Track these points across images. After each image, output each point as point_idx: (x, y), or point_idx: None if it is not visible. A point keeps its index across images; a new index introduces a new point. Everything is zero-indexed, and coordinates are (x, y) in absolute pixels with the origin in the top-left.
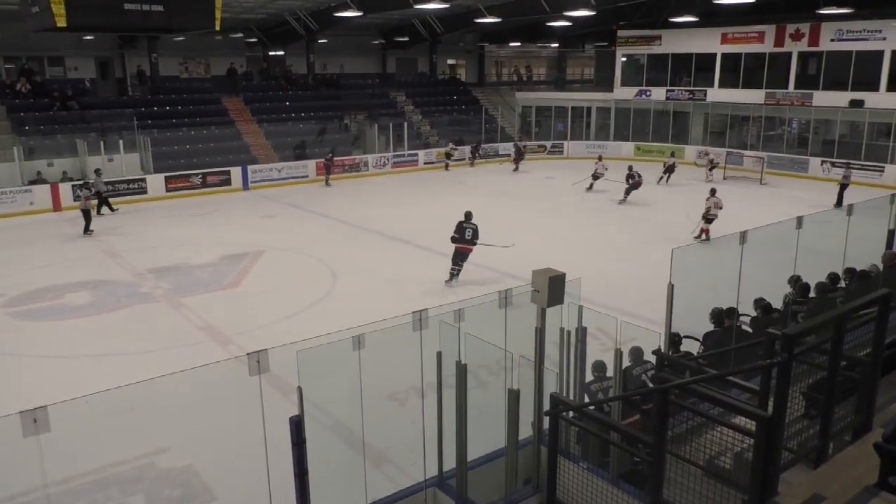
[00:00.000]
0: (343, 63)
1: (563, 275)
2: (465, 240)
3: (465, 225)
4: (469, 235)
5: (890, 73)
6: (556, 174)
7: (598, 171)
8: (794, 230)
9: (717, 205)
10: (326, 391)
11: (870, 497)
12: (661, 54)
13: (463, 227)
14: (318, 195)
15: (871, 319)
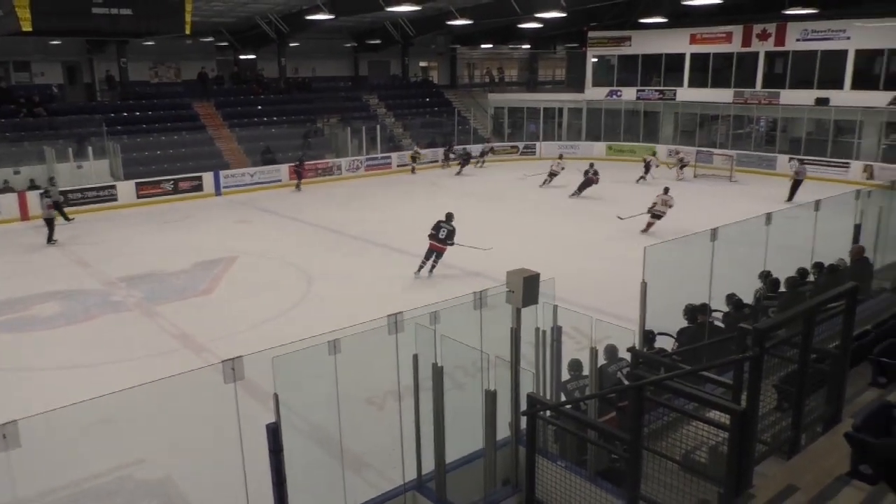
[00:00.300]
0: (315, 66)
1: (538, 275)
2: (438, 238)
3: (441, 224)
4: (443, 235)
5: (854, 72)
6: (529, 175)
7: (554, 168)
8: (763, 226)
9: (667, 203)
10: (303, 397)
11: (842, 486)
12: (631, 55)
13: (439, 226)
14: (292, 200)
15: (839, 312)
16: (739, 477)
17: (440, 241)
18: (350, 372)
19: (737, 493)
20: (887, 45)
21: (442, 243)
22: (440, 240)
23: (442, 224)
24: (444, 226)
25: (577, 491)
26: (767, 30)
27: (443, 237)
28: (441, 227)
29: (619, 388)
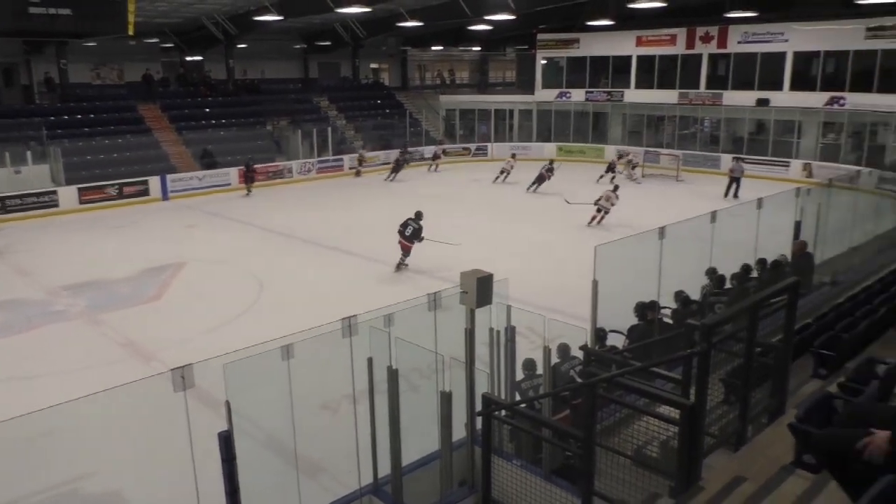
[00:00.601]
0: (264, 68)
1: (491, 275)
2: (404, 236)
3: (408, 222)
4: (408, 233)
5: (792, 74)
6: (482, 176)
7: (505, 166)
8: (709, 224)
9: (610, 199)
10: (256, 404)
11: (787, 475)
12: (579, 57)
13: (406, 224)
14: (242, 204)
15: (782, 307)
16: (689, 470)
17: (406, 238)
18: (304, 377)
19: (687, 486)
20: (823, 48)
21: (408, 241)
22: (406, 237)
23: (409, 222)
24: (411, 224)
25: (532, 489)
26: (710, 32)
27: (408, 235)
28: (408, 225)
29: (571, 386)
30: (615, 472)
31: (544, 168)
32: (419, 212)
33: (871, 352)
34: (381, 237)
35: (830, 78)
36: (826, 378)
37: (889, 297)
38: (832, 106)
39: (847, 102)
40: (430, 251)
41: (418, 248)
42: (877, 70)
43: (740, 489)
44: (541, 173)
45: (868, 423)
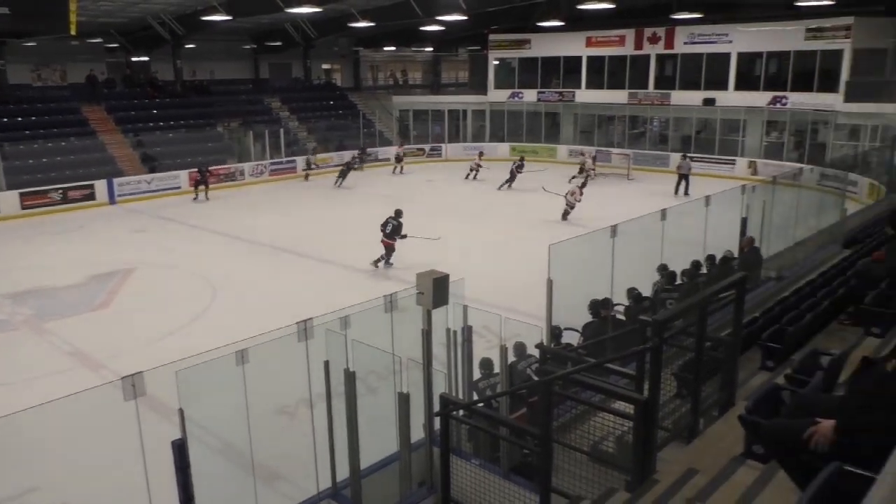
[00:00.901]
0: (213, 69)
1: (447, 276)
2: (385, 234)
3: (388, 220)
4: (388, 230)
5: (737, 74)
6: (436, 176)
7: (473, 165)
8: (659, 221)
9: (574, 195)
10: (211, 411)
11: (737, 466)
12: (531, 58)
13: (386, 222)
14: (193, 207)
15: (730, 301)
16: (644, 464)
17: (387, 236)
18: (259, 382)
19: (641, 480)
20: (765, 48)
21: (389, 238)
22: (387, 235)
23: (389, 220)
24: (391, 221)
25: (491, 488)
26: (657, 33)
27: (388, 232)
28: (388, 223)
29: (528, 384)
30: (572, 469)
31: (514, 165)
32: (399, 210)
33: (816, 343)
34: (336, 239)
35: (773, 78)
36: (773, 370)
37: (831, 290)
38: (775, 105)
39: (789, 102)
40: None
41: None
42: (816, 70)
43: (693, 481)
44: (511, 171)
45: (814, 413)
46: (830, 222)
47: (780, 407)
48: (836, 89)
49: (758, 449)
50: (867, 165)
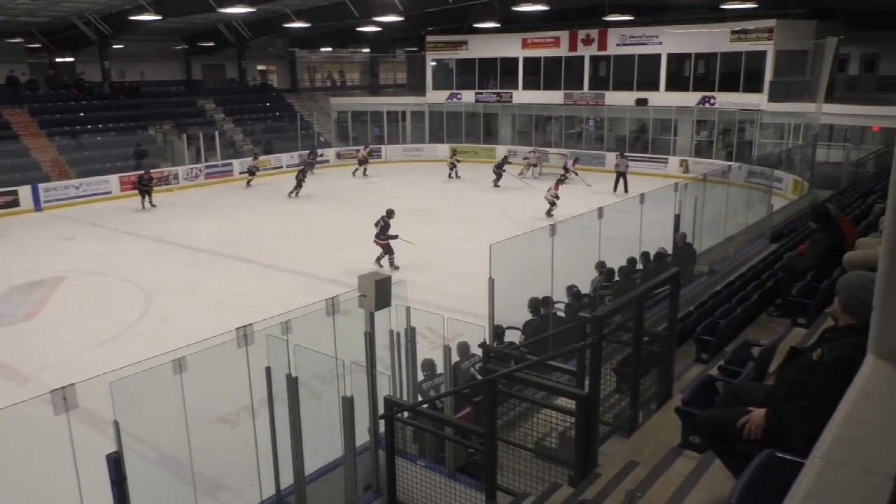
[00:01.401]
0: (143, 70)
1: (389, 277)
2: (376, 234)
3: (379, 220)
4: (377, 230)
5: (667, 74)
6: (377, 178)
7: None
8: (596, 220)
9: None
10: (148, 422)
11: (675, 457)
12: (468, 59)
13: (377, 223)
14: (125, 213)
15: (665, 297)
16: (586, 458)
17: (377, 236)
18: (199, 391)
19: (584, 474)
20: (694, 50)
21: (378, 238)
22: (377, 235)
23: (380, 220)
24: (380, 221)
25: (437, 488)
26: (591, 35)
27: (377, 232)
28: (378, 222)
29: (472, 383)
30: (517, 466)
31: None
32: (390, 209)
33: (747, 335)
34: (277, 243)
35: (701, 78)
36: (708, 362)
37: (760, 283)
38: (704, 105)
39: (717, 101)
40: (330, 256)
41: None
42: (742, 71)
43: (634, 473)
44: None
45: (746, 402)
46: (758, 218)
47: (714, 398)
48: (761, 89)
49: (694, 439)
50: (791, 162)
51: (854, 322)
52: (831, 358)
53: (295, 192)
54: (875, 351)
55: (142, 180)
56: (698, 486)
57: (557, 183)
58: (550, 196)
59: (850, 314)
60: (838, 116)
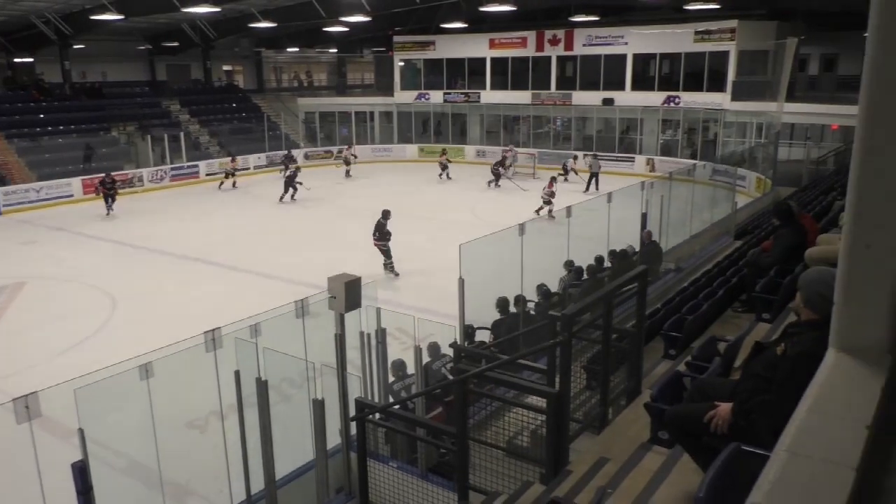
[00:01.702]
0: (106, 70)
1: (359, 279)
2: (374, 237)
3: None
4: (374, 233)
5: (633, 74)
6: (345, 179)
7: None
8: (565, 219)
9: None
10: (114, 429)
11: (645, 452)
12: (436, 59)
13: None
14: (87, 216)
15: (633, 294)
16: (557, 456)
17: (375, 238)
18: (166, 396)
19: (556, 472)
20: (658, 50)
21: (378, 241)
22: (374, 237)
23: (378, 221)
24: (378, 222)
25: (409, 489)
26: (557, 35)
27: (375, 234)
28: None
29: (443, 383)
30: (489, 465)
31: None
32: (386, 210)
33: (713, 331)
34: (245, 245)
35: (666, 78)
36: (675, 358)
37: (726, 279)
38: (669, 104)
39: (681, 101)
40: (299, 258)
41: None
42: (705, 71)
43: (604, 469)
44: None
45: (713, 397)
46: (723, 215)
47: (682, 393)
48: (724, 89)
49: (663, 434)
50: (754, 161)
51: (816, 317)
52: (794, 353)
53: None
54: (836, 345)
55: (104, 183)
56: (667, 480)
57: (552, 181)
58: (545, 194)
59: (811, 309)
60: (799, 115)
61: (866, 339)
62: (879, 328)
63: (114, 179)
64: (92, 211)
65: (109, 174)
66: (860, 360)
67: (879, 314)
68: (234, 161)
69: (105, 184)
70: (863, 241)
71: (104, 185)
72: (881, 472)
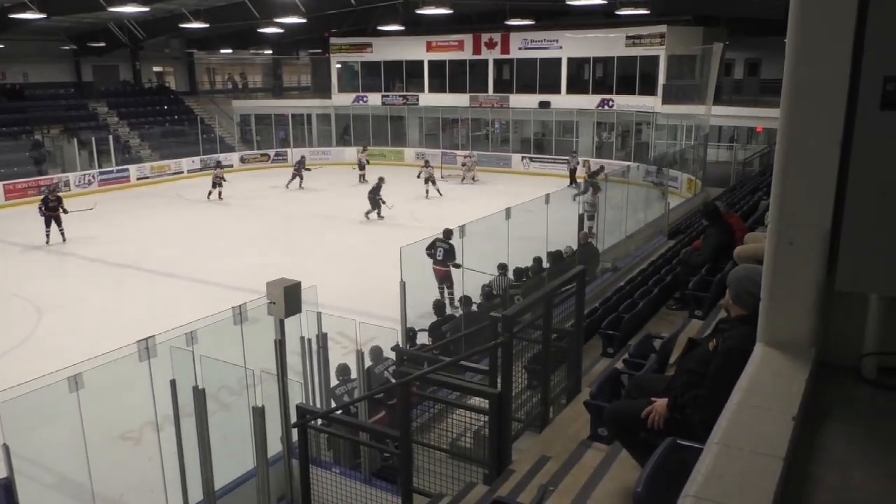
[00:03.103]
0: (27, 71)
1: (299, 283)
2: (437, 260)
3: (437, 243)
4: (440, 256)
5: (568, 78)
6: (280, 182)
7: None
8: (504, 220)
9: None
10: (42, 444)
11: (585, 449)
12: (374, 61)
13: (434, 246)
14: (11, 222)
15: (572, 294)
16: (500, 455)
17: (439, 263)
18: (97, 408)
19: (499, 472)
20: (592, 54)
21: (442, 266)
22: (439, 262)
23: (437, 243)
24: (440, 245)
25: (353, 495)
26: (493, 39)
27: (440, 259)
28: (436, 247)
29: (385, 387)
30: (433, 467)
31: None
32: (448, 230)
33: (649, 328)
34: (178, 251)
35: (600, 82)
36: (613, 356)
37: (660, 278)
38: (603, 107)
39: (615, 104)
40: (236, 263)
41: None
42: (637, 74)
43: (546, 467)
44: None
45: (649, 393)
46: (656, 215)
47: (620, 390)
48: (655, 92)
49: (602, 431)
50: (685, 162)
51: (745, 313)
52: (725, 348)
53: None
54: (763, 339)
55: (47, 204)
56: (607, 476)
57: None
58: None
59: (740, 305)
60: (726, 118)
61: (791, 334)
62: (803, 323)
63: (59, 197)
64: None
65: (53, 190)
66: (786, 354)
67: (803, 309)
68: (219, 168)
69: (48, 204)
70: (786, 238)
71: (47, 205)
72: (807, 460)
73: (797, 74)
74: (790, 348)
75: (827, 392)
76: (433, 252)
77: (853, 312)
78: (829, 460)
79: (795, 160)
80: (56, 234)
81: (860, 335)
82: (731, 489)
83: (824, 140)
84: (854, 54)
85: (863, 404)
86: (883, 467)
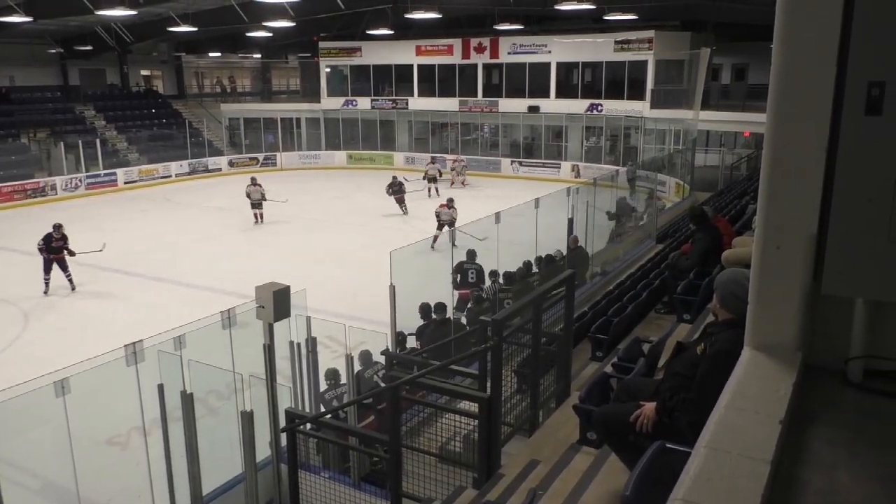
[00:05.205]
0: (13, 75)
1: (288, 287)
2: (468, 283)
3: (465, 266)
4: (472, 278)
5: (557, 82)
6: (272, 188)
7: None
8: (494, 224)
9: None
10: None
11: (574, 453)
12: (363, 65)
13: (462, 268)
14: None
15: (561, 298)
16: (490, 460)
17: (470, 285)
18: (84, 413)
19: (488, 476)
20: (581, 59)
21: (472, 287)
22: (470, 285)
23: (465, 266)
24: (469, 266)
25: (342, 499)
26: (483, 43)
27: (472, 281)
28: (467, 270)
29: (375, 391)
30: (422, 471)
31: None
32: (472, 251)
33: (638, 332)
34: (166, 255)
35: (589, 86)
36: (602, 360)
37: (649, 282)
38: (592, 112)
39: (604, 108)
40: (225, 267)
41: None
42: (626, 79)
43: (535, 471)
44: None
45: (638, 397)
46: (645, 219)
47: (609, 394)
48: (643, 97)
49: (591, 435)
50: (673, 167)
51: (732, 316)
52: (713, 351)
53: None
54: (750, 343)
55: (49, 244)
56: (596, 479)
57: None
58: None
59: (728, 309)
60: (713, 123)
61: (778, 337)
62: (790, 326)
63: (64, 236)
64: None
65: (59, 228)
66: (773, 358)
67: (790, 313)
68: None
69: (50, 245)
70: (773, 242)
71: (49, 246)
72: (794, 463)
73: (783, 79)
74: (777, 352)
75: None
76: (463, 276)
77: (839, 316)
78: (815, 463)
79: (782, 165)
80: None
81: (846, 339)
82: (718, 492)
83: (811, 145)
84: (840, 59)
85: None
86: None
